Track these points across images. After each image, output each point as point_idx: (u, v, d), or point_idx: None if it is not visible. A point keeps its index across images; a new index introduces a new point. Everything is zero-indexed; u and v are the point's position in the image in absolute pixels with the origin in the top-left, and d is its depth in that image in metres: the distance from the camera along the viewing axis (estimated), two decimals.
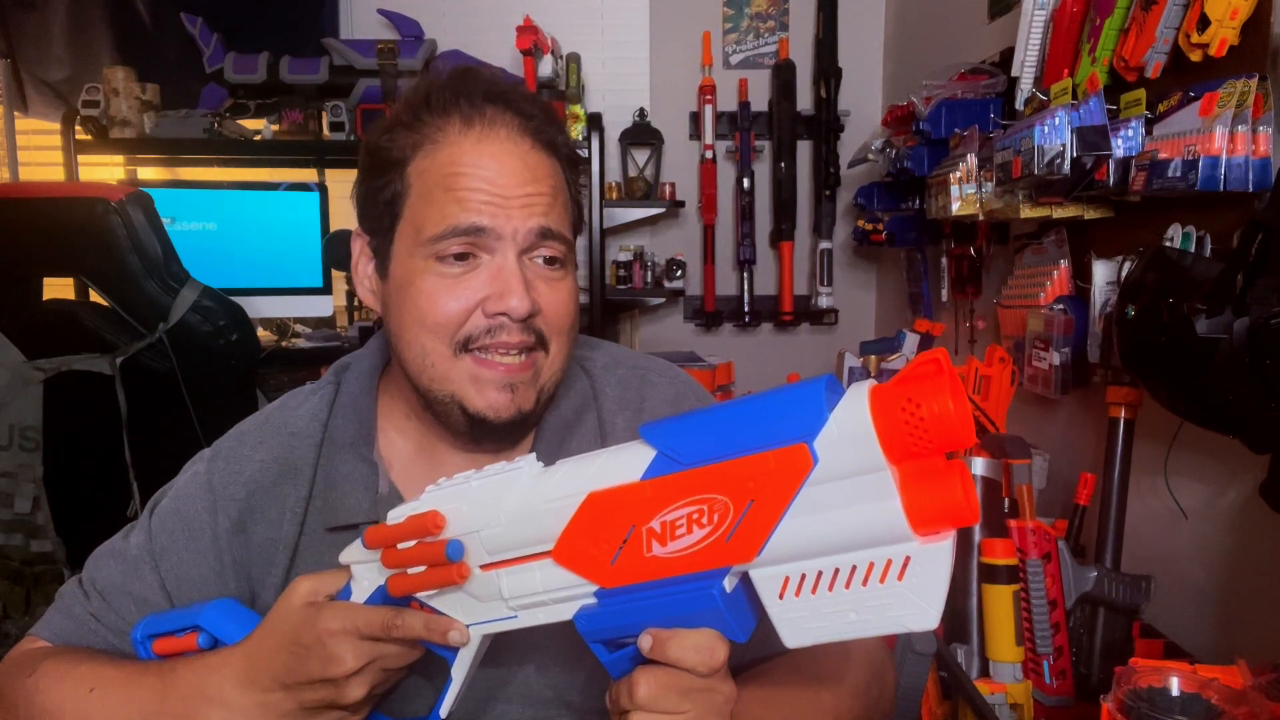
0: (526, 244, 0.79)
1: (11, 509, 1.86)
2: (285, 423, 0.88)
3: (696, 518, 0.55)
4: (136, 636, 0.80)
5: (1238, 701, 0.96)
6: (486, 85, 0.81)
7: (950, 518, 0.49)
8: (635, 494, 0.57)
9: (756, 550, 0.53)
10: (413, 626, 0.66)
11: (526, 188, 0.78)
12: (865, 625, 0.51)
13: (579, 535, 0.59)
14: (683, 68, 3.03)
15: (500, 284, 0.77)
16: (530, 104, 0.82)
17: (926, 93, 1.97)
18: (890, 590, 0.50)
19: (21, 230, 1.86)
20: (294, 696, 0.70)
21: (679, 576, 0.56)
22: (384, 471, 0.86)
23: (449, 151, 0.78)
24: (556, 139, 0.83)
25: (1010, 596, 1.32)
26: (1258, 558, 1.27)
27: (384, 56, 2.67)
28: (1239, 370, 1.03)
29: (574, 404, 0.89)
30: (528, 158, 0.80)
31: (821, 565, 0.51)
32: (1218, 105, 1.16)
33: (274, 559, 0.83)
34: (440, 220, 0.77)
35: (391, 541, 0.67)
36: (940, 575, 0.49)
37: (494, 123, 0.79)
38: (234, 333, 1.94)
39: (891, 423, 0.49)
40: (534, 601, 0.63)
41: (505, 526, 0.63)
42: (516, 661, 0.81)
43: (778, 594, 0.53)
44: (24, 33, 2.89)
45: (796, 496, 0.51)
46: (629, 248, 2.94)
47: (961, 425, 0.48)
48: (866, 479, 0.50)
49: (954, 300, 2.26)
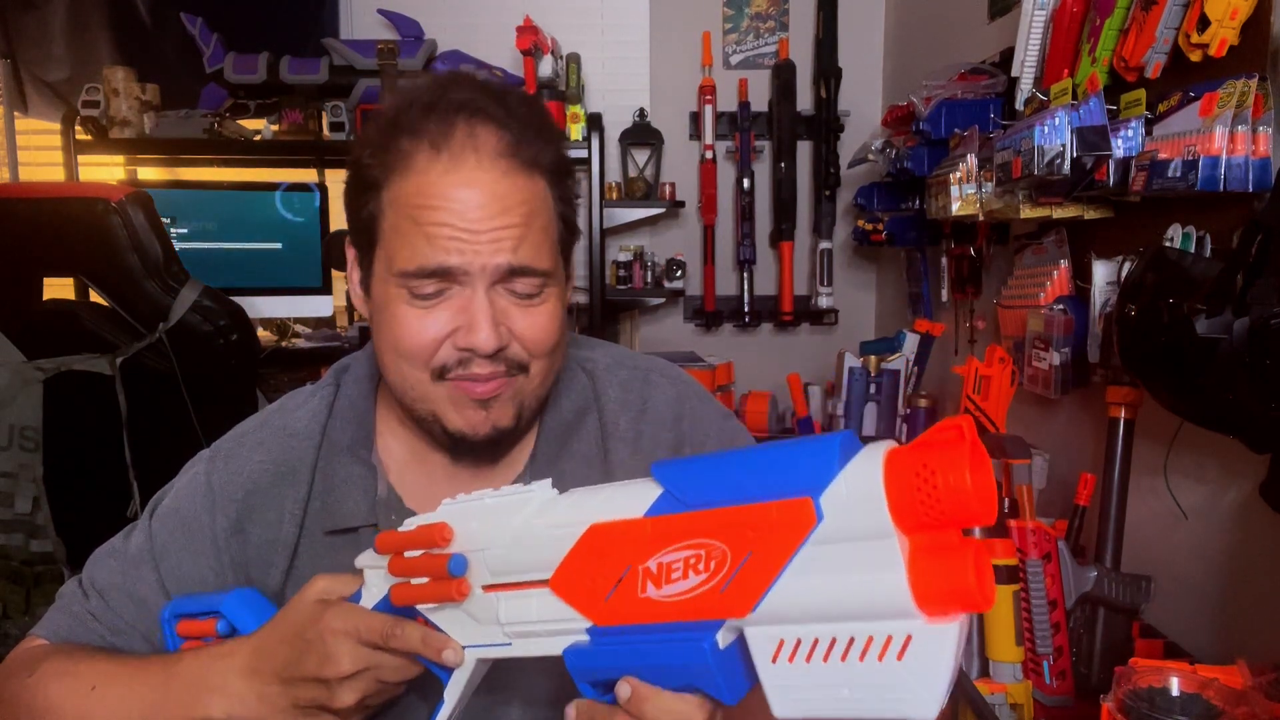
0: (496, 278, 0.77)
1: (11, 509, 1.86)
2: (285, 424, 0.88)
3: (693, 563, 0.53)
4: (165, 616, 0.81)
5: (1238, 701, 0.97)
6: (463, 96, 0.77)
7: (959, 600, 0.45)
8: (635, 530, 0.56)
9: (752, 605, 0.50)
10: (411, 639, 0.66)
11: (495, 221, 0.75)
12: (859, 705, 0.47)
13: (578, 566, 0.58)
14: (683, 68, 3.03)
15: (468, 317, 0.76)
16: (511, 116, 0.78)
17: (926, 93, 1.97)
18: (889, 670, 0.46)
19: (21, 230, 1.86)
20: (289, 692, 0.70)
21: (671, 624, 0.54)
22: (382, 474, 0.86)
23: (417, 181, 0.76)
24: (539, 152, 0.78)
25: (1010, 596, 1.32)
26: (1258, 558, 1.27)
27: (384, 57, 2.67)
28: (1239, 370, 1.03)
29: (575, 405, 0.88)
30: (499, 186, 0.76)
31: (819, 632, 0.48)
32: (1218, 105, 1.16)
33: (272, 560, 0.84)
34: (410, 258, 0.76)
35: (400, 548, 0.67)
36: (944, 661, 0.45)
37: (464, 147, 0.75)
38: (234, 333, 1.94)
39: (904, 488, 0.46)
40: (528, 631, 0.62)
41: (508, 548, 0.62)
42: (511, 688, 0.81)
43: (771, 657, 0.50)
44: (24, 33, 2.89)
45: (797, 553, 0.49)
46: (629, 248, 2.94)
47: (979, 500, 0.45)
48: (872, 545, 0.47)
49: (954, 300, 2.26)
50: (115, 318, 1.87)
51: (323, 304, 2.77)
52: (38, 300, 1.96)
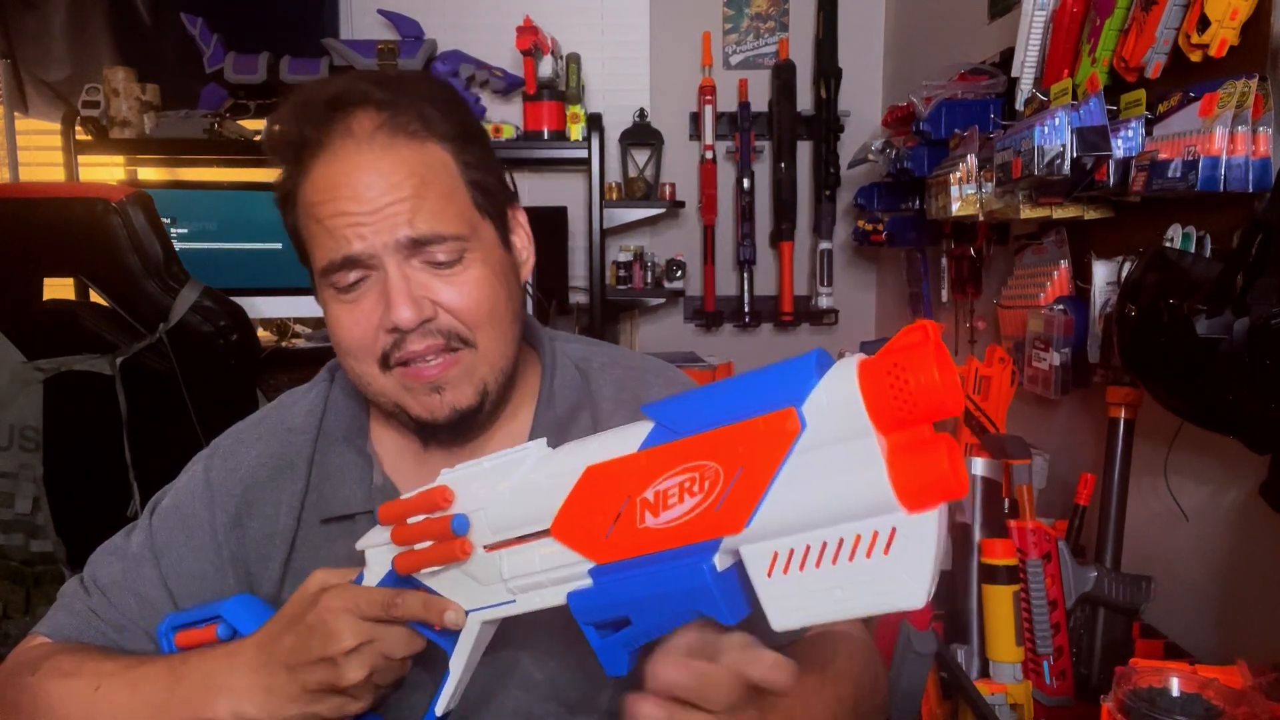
0: (404, 253, 0.77)
1: (12, 509, 1.86)
2: (282, 419, 0.89)
3: (688, 486, 0.54)
4: (162, 629, 0.81)
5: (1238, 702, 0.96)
6: (330, 92, 0.78)
7: (937, 489, 0.48)
8: (630, 465, 0.57)
9: (746, 519, 0.52)
10: (411, 605, 0.67)
11: (385, 198, 0.75)
12: (853, 603, 0.50)
13: (577, 509, 0.59)
14: (683, 68, 3.03)
15: (386, 298, 0.77)
16: (383, 88, 0.78)
17: (926, 93, 1.97)
18: (877, 565, 0.49)
19: (21, 230, 1.86)
20: (296, 678, 0.70)
21: (670, 550, 0.55)
22: (378, 464, 0.87)
23: (309, 182, 0.78)
24: (425, 120, 0.78)
25: (1010, 597, 1.32)
26: (1258, 558, 1.27)
27: (384, 57, 2.67)
28: (1239, 370, 1.03)
29: (569, 403, 0.89)
30: (381, 163, 0.76)
31: (809, 539, 0.51)
32: (1218, 106, 1.16)
33: (271, 553, 0.84)
34: (321, 256, 0.78)
35: (403, 515, 0.68)
36: (927, 549, 0.48)
37: (342, 136, 0.76)
38: (234, 333, 1.94)
39: (878, 391, 0.49)
40: (532, 583, 0.63)
41: (508, 503, 0.63)
42: (518, 647, 0.81)
43: (766, 571, 0.52)
44: (24, 33, 2.89)
45: (785, 462, 0.51)
46: (629, 248, 2.94)
47: (947, 393, 0.47)
48: (853, 446, 0.49)
49: (954, 300, 2.26)
50: (115, 318, 1.87)
51: None
52: (38, 300, 1.96)
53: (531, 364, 0.91)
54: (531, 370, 0.91)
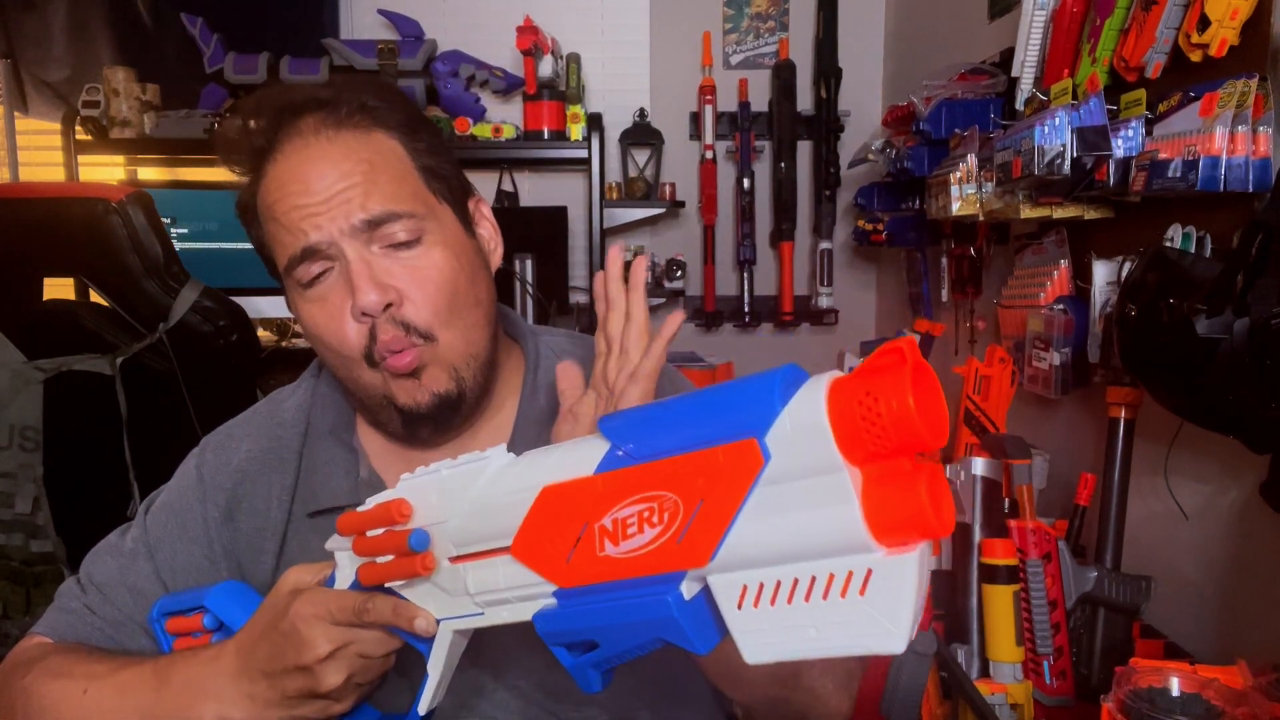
0: (362, 238, 0.78)
1: (12, 509, 1.86)
2: (271, 415, 0.91)
3: (648, 516, 0.51)
4: (154, 615, 0.81)
5: (1238, 702, 0.96)
6: (273, 99, 0.80)
7: (916, 527, 0.43)
8: (587, 489, 0.54)
9: (709, 554, 0.48)
10: (382, 611, 0.66)
11: (335, 186, 0.77)
12: (826, 643, 0.46)
13: (536, 530, 0.57)
14: (683, 68, 3.03)
15: (349, 285, 0.77)
16: (326, 89, 0.80)
17: (926, 93, 1.97)
18: (852, 606, 0.44)
19: (21, 230, 1.86)
20: (275, 686, 0.70)
21: (635, 579, 0.52)
22: (364, 458, 0.87)
23: (263, 186, 0.80)
24: (368, 111, 0.80)
25: (1010, 596, 1.31)
26: (1258, 558, 1.27)
27: (384, 57, 2.67)
28: (1239, 370, 1.03)
29: (552, 397, 0.89)
30: (327, 151, 0.78)
31: (780, 574, 0.47)
32: (1218, 105, 1.16)
33: (262, 547, 0.85)
34: (281, 253, 0.79)
35: (360, 528, 0.66)
36: (906, 592, 0.43)
37: (288, 136, 0.79)
38: (234, 333, 1.94)
39: (848, 419, 0.44)
40: (498, 599, 0.61)
41: (467, 519, 0.61)
42: (499, 657, 0.82)
43: (736, 603, 0.48)
44: (24, 33, 2.89)
45: (748, 497, 0.47)
46: (629, 248, 2.94)
47: (925, 423, 0.42)
48: (822, 480, 0.45)
49: (954, 300, 2.26)
50: (115, 318, 1.88)
51: None
52: (38, 300, 1.96)
53: (515, 358, 0.92)
54: (515, 364, 0.92)
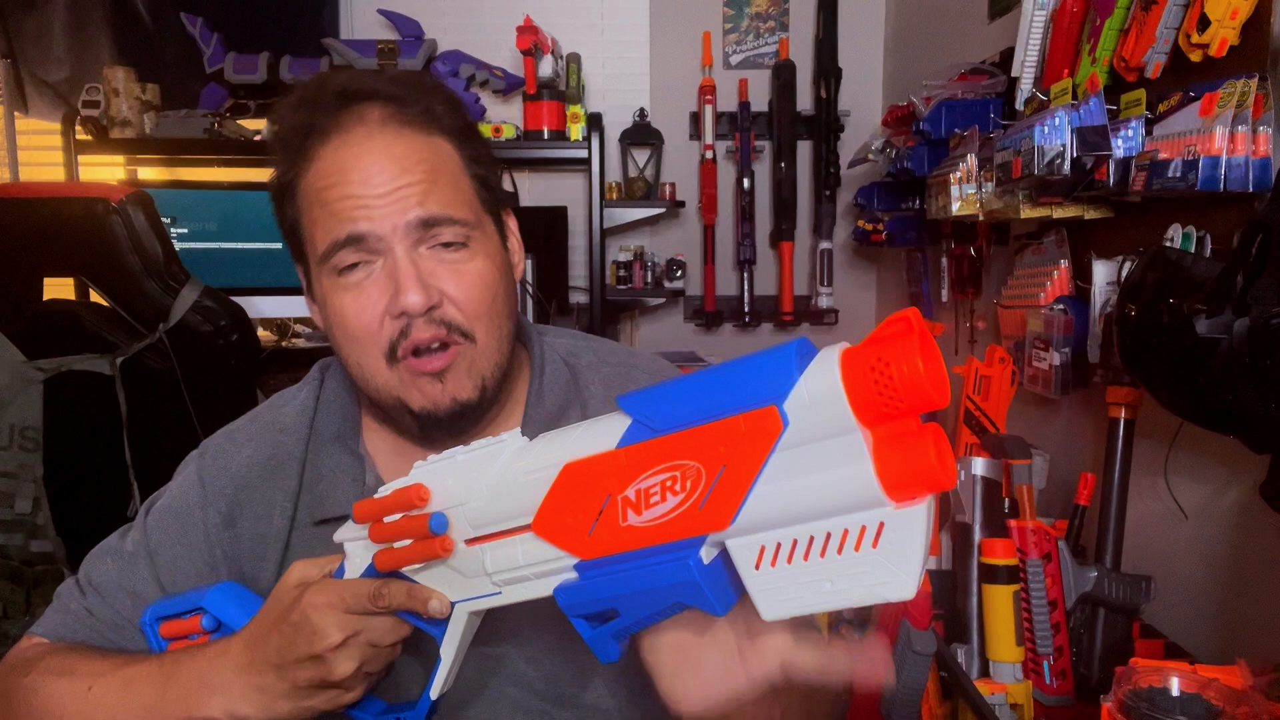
0: (414, 237, 0.77)
1: (12, 509, 1.86)
2: (273, 420, 0.90)
3: (670, 485, 0.54)
4: (146, 620, 0.81)
5: (1238, 701, 0.96)
6: (339, 84, 0.79)
7: (924, 482, 0.47)
8: (610, 463, 0.57)
9: (730, 517, 0.51)
10: (396, 595, 0.67)
11: (396, 181, 0.77)
12: (842, 595, 0.49)
13: (557, 506, 0.59)
14: (683, 68, 3.03)
15: (394, 283, 0.77)
16: (392, 84, 0.80)
17: (926, 93, 1.97)
18: (866, 558, 0.48)
19: (21, 230, 1.86)
20: (286, 677, 0.70)
21: (656, 547, 0.55)
22: (370, 464, 0.87)
23: (316, 167, 0.78)
24: (433, 109, 0.80)
25: (1010, 597, 1.31)
26: (1258, 558, 1.27)
27: (384, 56, 2.67)
28: (1239, 370, 1.03)
29: (559, 399, 0.89)
30: (392, 148, 0.78)
31: (797, 533, 0.50)
32: (1218, 105, 1.16)
33: (265, 554, 0.85)
34: (323, 237, 0.78)
35: (378, 515, 0.67)
36: (916, 542, 0.47)
37: (349, 124, 0.78)
38: (234, 333, 1.94)
39: (861, 384, 0.47)
40: (517, 576, 0.62)
41: (487, 499, 0.63)
42: (508, 641, 0.82)
43: (754, 564, 0.52)
44: (24, 33, 2.89)
45: (768, 461, 0.50)
46: (629, 248, 2.94)
47: (932, 385, 0.46)
48: (838, 442, 0.48)
49: (954, 300, 2.26)
50: (115, 318, 1.88)
51: None
52: (38, 300, 1.96)
53: (524, 363, 0.92)
54: (524, 369, 0.91)
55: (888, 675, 0.56)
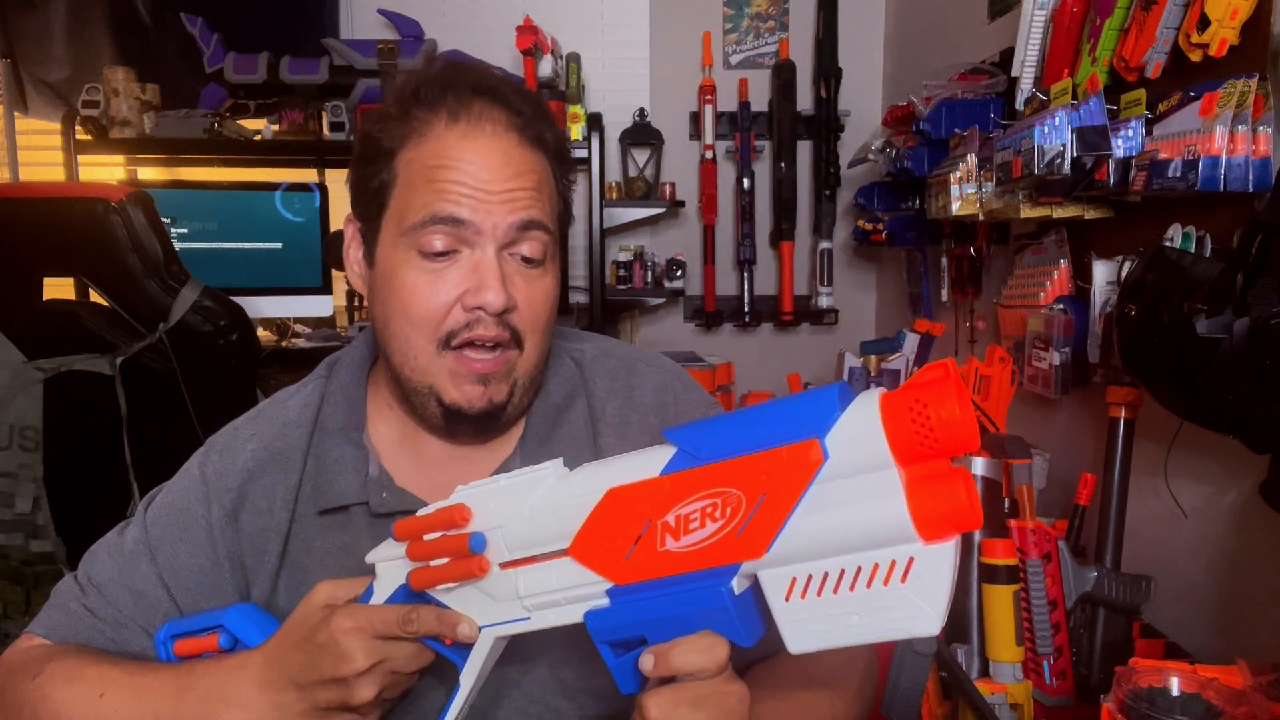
0: (507, 239, 0.80)
1: (12, 509, 1.85)
2: (277, 414, 0.90)
3: (710, 511, 0.55)
4: (160, 637, 0.81)
5: (1238, 701, 0.96)
6: (476, 79, 0.82)
7: (954, 520, 0.49)
8: (653, 489, 0.58)
9: (766, 545, 0.53)
10: (426, 620, 0.67)
11: (510, 183, 0.79)
12: (868, 629, 0.51)
13: (596, 530, 0.60)
14: (683, 68, 3.03)
15: (478, 278, 0.78)
16: (521, 99, 0.82)
17: (926, 93, 1.97)
18: (893, 593, 0.50)
19: (21, 230, 1.85)
20: (307, 697, 0.70)
21: (689, 573, 0.56)
22: (374, 456, 0.87)
23: (434, 144, 0.79)
24: (545, 135, 0.83)
25: (1010, 596, 1.31)
26: (1258, 558, 1.27)
27: (384, 56, 2.67)
28: (1239, 370, 1.03)
29: (564, 391, 0.90)
30: (512, 153, 0.80)
31: (828, 566, 0.52)
32: (1218, 105, 1.16)
33: (266, 548, 0.84)
34: (421, 208, 0.78)
35: (419, 533, 0.68)
36: (943, 578, 0.49)
37: (480, 117, 0.80)
38: (234, 333, 1.93)
39: (900, 424, 0.50)
40: (548, 601, 0.63)
41: (527, 522, 0.64)
42: (521, 671, 0.82)
43: (784, 595, 0.53)
44: (24, 33, 2.89)
45: (808, 490, 0.52)
46: (629, 248, 2.94)
47: (966, 429, 0.50)
48: (874, 477, 0.51)
49: (954, 300, 2.26)
50: (115, 318, 1.87)
51: (323, 304, 2.77)
52: (38, 300, 1.95)
53: None
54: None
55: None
